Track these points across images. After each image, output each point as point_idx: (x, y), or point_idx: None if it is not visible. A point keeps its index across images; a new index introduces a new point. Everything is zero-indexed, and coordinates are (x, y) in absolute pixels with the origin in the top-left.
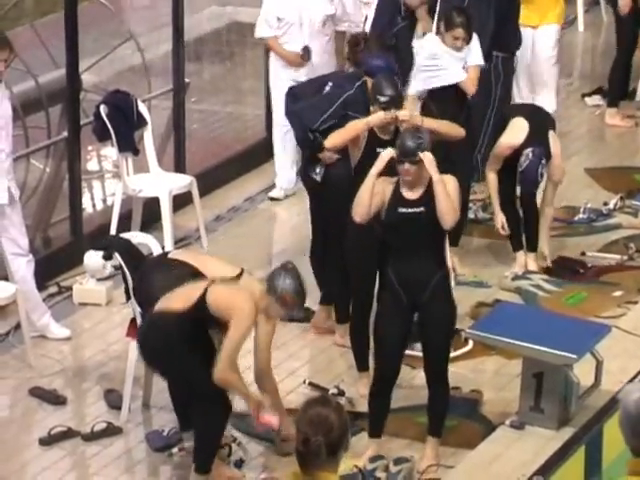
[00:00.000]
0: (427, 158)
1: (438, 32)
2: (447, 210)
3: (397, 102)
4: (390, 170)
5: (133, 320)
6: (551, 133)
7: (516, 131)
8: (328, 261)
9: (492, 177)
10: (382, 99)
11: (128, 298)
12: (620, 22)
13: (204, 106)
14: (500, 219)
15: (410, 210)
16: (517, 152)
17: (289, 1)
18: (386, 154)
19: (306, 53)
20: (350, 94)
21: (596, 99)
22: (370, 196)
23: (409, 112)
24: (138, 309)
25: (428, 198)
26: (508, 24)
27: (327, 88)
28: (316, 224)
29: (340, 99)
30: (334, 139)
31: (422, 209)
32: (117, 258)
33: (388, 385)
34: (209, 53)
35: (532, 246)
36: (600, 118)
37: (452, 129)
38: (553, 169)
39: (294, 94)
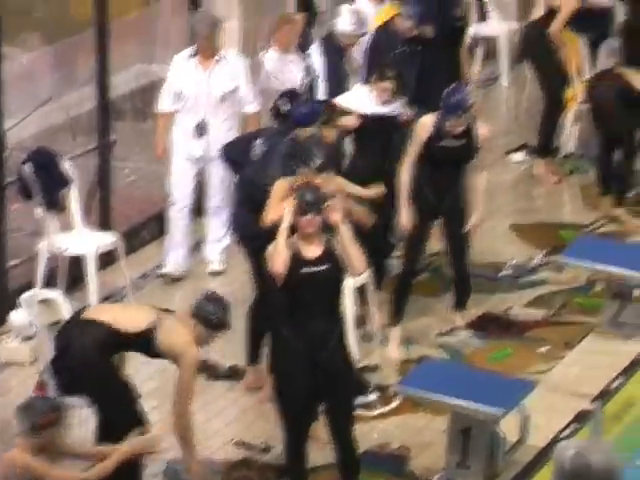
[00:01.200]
0: (335, 204)
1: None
2: (357, 256)
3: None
4: None
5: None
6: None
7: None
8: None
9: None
10: (312, 165)
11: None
12: (543, 78)
13: (130, 164)
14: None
15: (313, 269)
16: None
17: (189, 75)
18: (290, 208)
19: (201, 129)
20: (284, 152)
21: (520, 156)
22: (286, 247)
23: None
24: (52, 379)
25: (329, 255)
26: (432, 86)
27: (257, 144)
28: (257, 280)
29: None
30: (271, 215)
31: (325, 267)
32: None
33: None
34: (135, 110)
35: (461, 303)
36: (525, 174)
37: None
38: None
39: (228, 157)
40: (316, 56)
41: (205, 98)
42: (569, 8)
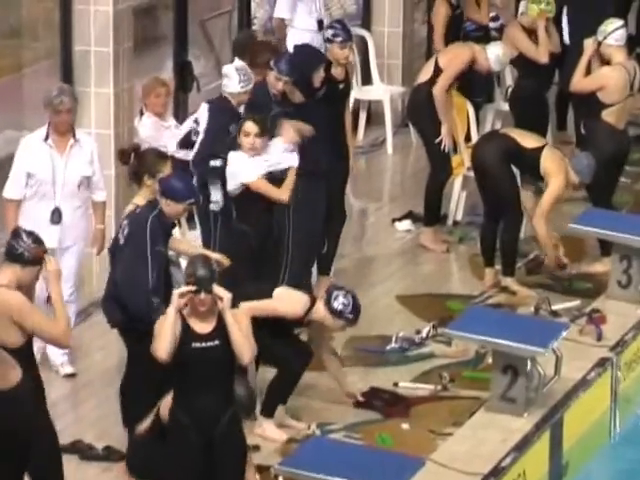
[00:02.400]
0: (225, 298)
1: None
2: (245, 348)
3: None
4: None
5: None
6: None
7: None
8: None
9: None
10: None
11: None
12: (429, 144)
13: None
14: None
15: (204, 344)
16: None
17: (43, 159)
18: (180, 291)
19: (58, 216)
20: (149, 232)
21: (406, 224)
22: (172, 332)
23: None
24: None
25: (222, 330)
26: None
27: (122, 230)
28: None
29: (145, 252)
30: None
31: (216, 342)
32: None
33: None
34: (4, 177)
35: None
36: (411, 243)
37: None
38: None
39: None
40: (203, 121)
41: (61, 184)
42: (453, 69)
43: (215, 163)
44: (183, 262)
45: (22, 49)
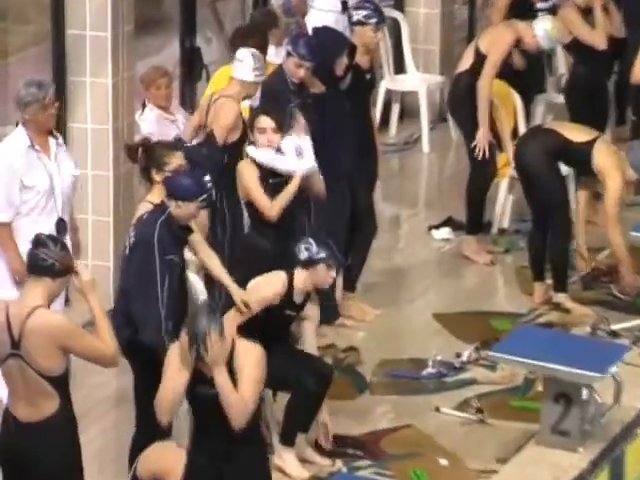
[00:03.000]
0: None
1: None
2: (236, 413)
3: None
4: None
5: None
6: None
7: None
8: None
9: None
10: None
11: None
12: (471, 141)
13: None
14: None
15: (209, 391)
16: None
17: (36, 166)
18: (179, 344)
19: (62, 228)
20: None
21: (445, 232)
22: (177, 390)
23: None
24: None
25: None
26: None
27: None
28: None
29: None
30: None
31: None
32: None
33: None
34: None
35: None
36: (450, 254)
37: None
38: None
39: None
40: None
41: (59, 191)
42: (498, 54)
43: None
44: (192, 274)
45: (8, 34)
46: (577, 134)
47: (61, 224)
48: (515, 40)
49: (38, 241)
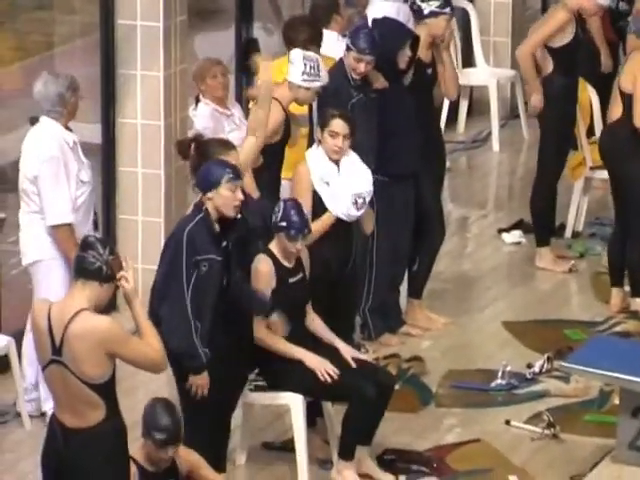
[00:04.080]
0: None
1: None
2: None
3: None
4: None
5: None
6: None
7: None
8: None
9: None
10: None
11: None
12: (545, 138)
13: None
14: None
15: None
16: None
17: (77, 158)
18: None
19: (95, 223)
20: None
21: (516, 235)
22: None
23: None
24: None
25: None
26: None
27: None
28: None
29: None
30: None
31: None
32: None
33: None
34: None
35: None
36: (522, 260)
37: None
38: None
39: None
40: None
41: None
42: (550, 27)
43: None
44: None
45: (54, 24)
46: None
47: (96, 220)
48: (573, 13)
49: (87, 243)
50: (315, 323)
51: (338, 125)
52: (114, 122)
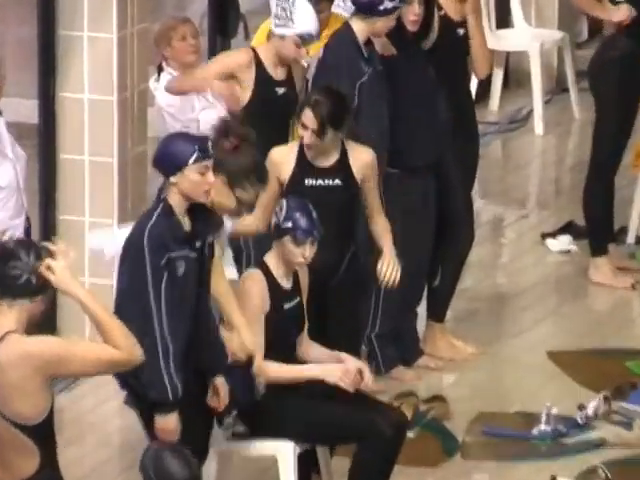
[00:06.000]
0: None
1: None
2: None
3: None
4: None
5: None
6: None
7: None
8: None
9: None
10: None
11: None
12: (602, 117)
13: None
14: None
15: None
16: None
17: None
18: None
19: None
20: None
21: (564, 241)
22: None
23: None
24: None
25: None
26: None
27: None
28: None
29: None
30: None
31: None
32: None
33: None
34: None
35: None
36: (572, 272)
37: None
38: None
39: None
40: None
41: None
42: None
43: None
44: None
45: None
46: None
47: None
48: None
49: (4, 253)
50: (309, 350)
51: (307, 117)
52: (54, 97)
